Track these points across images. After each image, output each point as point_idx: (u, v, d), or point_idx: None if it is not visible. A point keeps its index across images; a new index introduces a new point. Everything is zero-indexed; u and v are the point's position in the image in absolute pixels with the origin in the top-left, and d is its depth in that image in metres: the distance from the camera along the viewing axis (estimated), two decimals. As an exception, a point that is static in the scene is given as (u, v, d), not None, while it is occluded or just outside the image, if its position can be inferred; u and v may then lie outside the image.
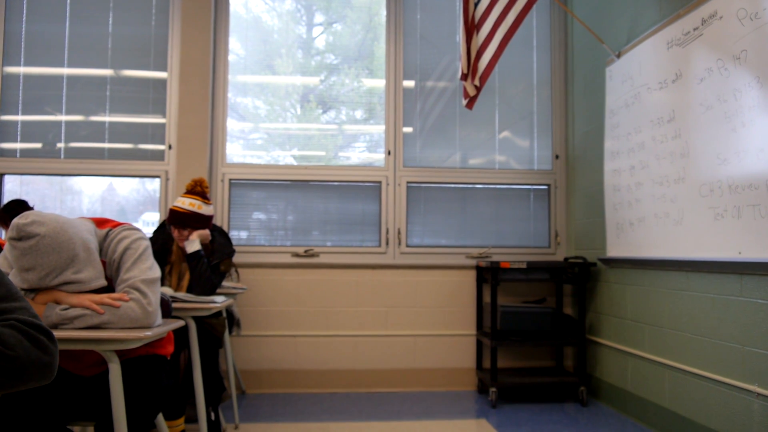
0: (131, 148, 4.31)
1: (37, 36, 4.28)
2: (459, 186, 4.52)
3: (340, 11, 4.64)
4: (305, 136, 4.52)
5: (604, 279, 3.96)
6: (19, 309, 1.10)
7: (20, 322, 1.07)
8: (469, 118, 4.53)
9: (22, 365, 1.02)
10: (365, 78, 4.57)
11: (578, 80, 4.43)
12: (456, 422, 3.65)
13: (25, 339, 1.04)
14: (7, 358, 1.01)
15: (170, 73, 4.31)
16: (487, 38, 3.67)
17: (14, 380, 1.02)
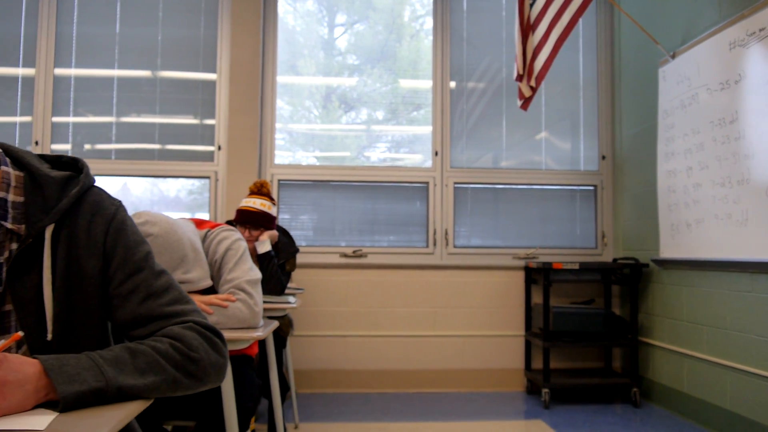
0: (181, 149, 4.34)
1: (87, 38, 4.31)
2: (505, 187, 4.52)
3: (363, 12, 4.65)
4: (329, 137, 4.54)
5: (656, 280, 3.95)
6: (192, 312, 1.10)
7: (198, 325, 1.07)
8: (514, 119, 4.53)
9: (204, 368, 1.03)
10: (399, 79, 4.58)
11: (626, 81, 4.42)
12: (512, 423, 3.65)
13: (204, 341, 1.05)
14: (191, 360, 1.01)
15: (219, 75, 4.34)
16: (542, 39, 3.67)
17: (197, 382, 1.03)
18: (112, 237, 1.07)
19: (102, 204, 1.09)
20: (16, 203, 1.04)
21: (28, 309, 1.02)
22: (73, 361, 0.89)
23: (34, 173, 1.07)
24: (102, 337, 1.11)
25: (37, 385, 0.84)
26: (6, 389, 0.81)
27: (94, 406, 0.87)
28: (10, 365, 0.82)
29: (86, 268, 1.05)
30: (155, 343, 0.99)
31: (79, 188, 1.07)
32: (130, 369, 0.93)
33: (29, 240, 1.02)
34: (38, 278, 1.03)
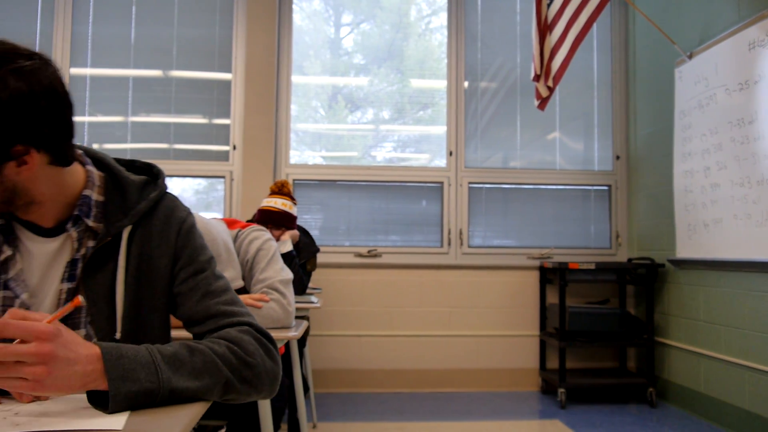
0: (196, 149, 4.35)
1: (103, 38, 4.32)
2: (519, 187, 4.52)
3: (369, 11, 4.65)
4: (336, 136, 4.54)
5: (672, 280, 3.95)
6: (247, 314, 1.11)
7: (253, 329, 1.07)
8: (528, 119, 4.53)
9: (259, 374, 1.01)
10: (406, 78, 4.59)
11: (641, 81, 4.42)
12: (529, 422, 3.66)
13: (260, 347, 1.04)
14: (247, 365, 1.00)
15: (234, 75, 4.34)
16: (559, 39, 3.67)
17: (250, 389, 1.01)
18: (182, 239, 1.11)
19: (176, 209, 1.14)
20: (98, 202, 1.08)
21: (100, 306, 1.05)
22: (131, 353, 0.88)
23: (115, 175, 1.11)
24: (165, 337, 1.13)
25: (87, 369, 0.82)
26: (54, 364, 0.79)
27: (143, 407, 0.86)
28: (63, 341, 0.81)
29: (157, 267, 1.09)
30: (213, 345, 0.98)
31: (157, 192, 1.11)
32: (186, 368, 0.92)
33: (108, 239, 1.05)
34: (111, 276, 1.06)
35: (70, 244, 1.06)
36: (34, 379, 0.78)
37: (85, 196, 1.06)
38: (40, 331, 0.79)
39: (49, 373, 0.78)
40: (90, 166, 1.10)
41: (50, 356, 0.79)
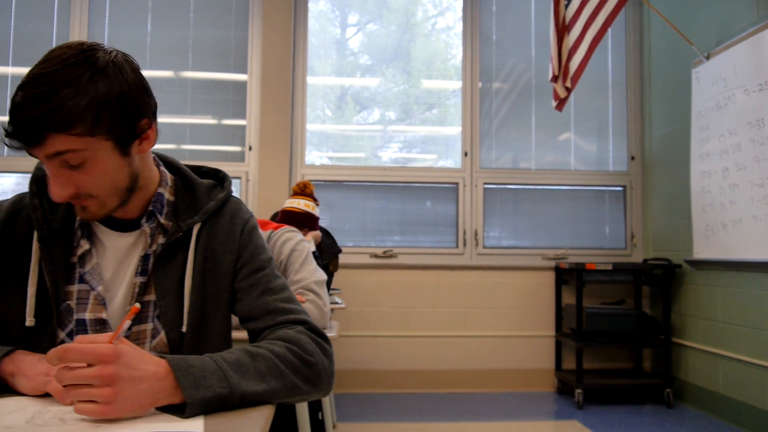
0: (212, 150, 4.35)
1: (119, 39, 4.32)
2: (534, 187, 4.52)
3: (376, 11, 4.66)
4: (343, 137, 4.55)
5: (689, 281, 3.95)
6: (303, 313, 1.13)
7: (309, 328, 1.08)
8: (543, 120, 4.54)
9: (319, 373, 1.02)
10: (412, 79, 4.60)
11: (656, 81, 4.42)
12: (547, 423, 3.66)
13: (317, 346, 1.05)
14: (308, 364, 1.01)
15: (250, 75, 4.35)
16: (577, 40, 3.68)
17: (312, 388, 1.01)
18: (245, 237, 1.16)
19: (240, 210, 1.19)
20: (169, 201, 1.14)
21: (169, 299, 1.09)
22: (197, 363, 0.89)
23: (186, 177, 1.18)
24: (227, 333, 1.16)
25: (155, 385, 0.83)
26: (120, 384, 0.80)
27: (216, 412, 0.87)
28: (126, 360, 0.82)
29: (222, 263, 1.13)
30: (273, 347, 0.99)
31: (224, 194, 1.18)
32: (251, 373, 0.93)
33: (179, 234, 1.10)
34: (180, 271, 1.10)
35: (144, 239, 1.10)
36: (104, 401, 0.79)
37: (160, 193, 1.12)
38: (100, 353, 0.80)
39: (116, 394, 0.80)
40: (163, 168, 1.16)
41: (114, 377, 0.80)
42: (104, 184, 1.00)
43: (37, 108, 0.89)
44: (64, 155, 0.93)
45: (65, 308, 1.06)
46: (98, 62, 0.94)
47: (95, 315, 1.06)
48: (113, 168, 1.00)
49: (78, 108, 0.91)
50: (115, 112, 0.95)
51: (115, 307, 1.08)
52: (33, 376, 0.93)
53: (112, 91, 0.95)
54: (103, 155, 0.97)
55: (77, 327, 1.07)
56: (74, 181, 0.97)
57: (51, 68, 0.91)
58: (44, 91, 0.89)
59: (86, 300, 1.07)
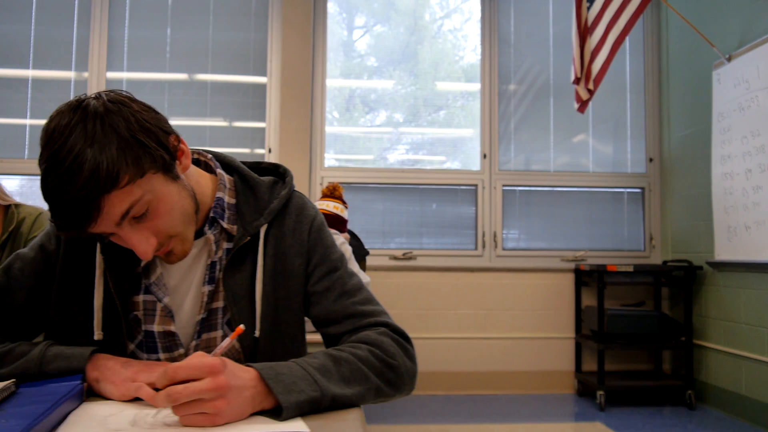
0: (231, 153, 4.35)
1: (139, 42, 4.34)
2: (552, 189, 4.53)
3: (384, 13, 4.67)
4: (351, 138, 4.56)
5: (711, 282, 3.96)
6: (383, 313, 1.11)
7: (390, 329, 1.07)
8: (561, 121, 4.54)
9: (401, 375, 1.02)
10: (421, 81, 4.61)
11: (675, 83, 4.43)
12: (571, 425, 3.67)
13: (399, 348, 1.04)
14: (390, 367, 1.00)
15: (270, 78, 4.36)
16: (600, 41, 3.68)
17: (395, 391, 1.01)
18: (313, 237, 1.12)
19: (305, 206, 1.14)
20: (230, 204, 1.09)
21: (240, 306, 1.06)
22: (285, 370, 0.89)
23: (245, 176, 1.13)
24: (300, 336, 1.13)
25: (253, 392, 0.84)
26: (230, 394, 0.81)
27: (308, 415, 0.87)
28: (230, 370, 0.83)
29: (292, 265, 1.09)
30: (355, 350, 0.99)
31: (287, 190, 1.12)
32: (336, 378, 0.93)
33: (246, 239, 1.06)
34: (250, 276, 1.07)
35: (208, 246, 1.07)
36: (215, 412, 0.80)
37: (219, 198, 1.08)
38: (210, 366, 0.81)
39: (228, 404, 0.80)
40: (220, 170, 1.12)
41: (226, 388, 0.81)
42: (177, 218, 0.97)
43: (76, 182, 0.83)
44: (129, 212, 0.89)
45: (132, 319, 1.05)
46: (97, 109, 0.88)
47: (163, 327, 1.05)
48: (175, 198, 0.96)
49: (113, 158, 0.85)
50: (145, 142, 0.90)
51: (182, 318, 1.07)
52: (119, 383, 0.93)
53: (130, 124, 0.89)
54: (161, 190, 0.93)
55: (146, 339, 1.06)
56: (151, 230, 0.94)
57: (62, 140, 0.85)
58: (72, 162, 0.83)
59: (153, 311, 1.05)
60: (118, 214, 0.88)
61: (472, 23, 4.66)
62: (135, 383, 0.92)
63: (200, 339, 1.07)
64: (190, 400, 0.79)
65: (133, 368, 0.96)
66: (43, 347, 0.96)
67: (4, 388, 0.84)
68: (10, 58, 4.26)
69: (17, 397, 0.83)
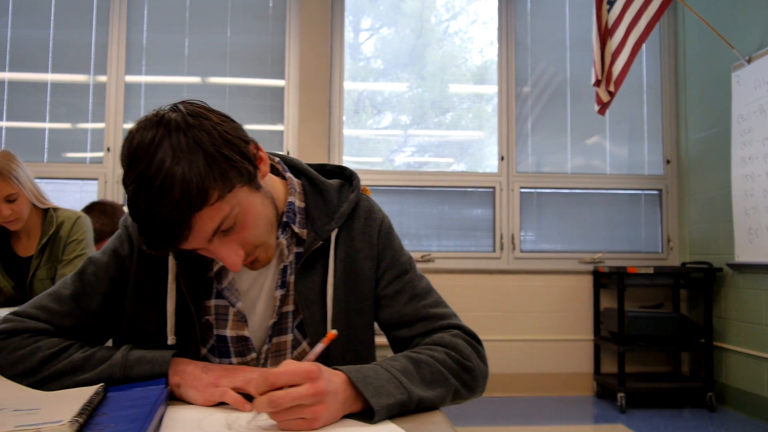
0: (249, 155, 4.36)
1: (157, 45, 4.35)
2: (569, 191, 4.53)
3: (390, 16, 4.68)
4: (359, 140, 4.57)
5: (731, 284, 3.96)
6: (453, 315, 1.11)
7: (463, 331, 1.08)
8: (577, 123, 4.55)
9: (476, 377, 1.03)
10: (427, 83, 4.62)
11: (692, 85, 4.43)
12: (594, 427, 3.66)
13: (472, 350, 1.05)
14: (466, 369, 1.01)
15: (288, 81, 4.36)
16: (620, 44, 3.69)
17: (470, 393, 1.02)
18: (382, 240, 1.12)
19: (373, 209, 1.15)
20: (300, 208, 1.09)
21: (312, 310, 1.06)
22: (371, 372, 0.89)
23: (313, 180, 1.12)
24: (370, 339, 1.13)
25: (344, 396, 0.85)
26: (328, 399, 0.81)
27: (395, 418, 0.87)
28: (327, 375, 0.84)
29: (362, 269, 1.09)
30: (432, 353, 0.99)
31: (355, 194, 1.12)
32: (417, 380, 0.93)
33: (318, 243, 1.06)
34: (321, 280, 1.07)
35: (279, 251, 1.06)
36: (313, 417, 0.80)
37: (290, 202, 1.07)
38: (309, 371, 0.81)
39: (325, 409, 0.81)
40: (289, 174, 1.12)
41: (324, 393, 0.81)
42: (262, 228, 0.97)
43: (167, 203, 0.83)
44: (220, 227, 0.89)
45: (204, 323, 1.05)
46: (179, 123, 0.87)
47: (237, 332, 1.05)
48: (260, 208, 0.96)
49: (201, 175, 0.84)
50: (230, 156, 0.89)
51: (254, 323, 1.07)
52: (202, 388, 0.94)
53: (213, 138, 0.88)
54: (247, 202, 0.93)
55: (218, 343, 1.06)
56: (239, 242, 0.93)
57: (148, 159, 0.84)
58: (162, 183, 0.83)
59: (225, 316, 1.05)
60: (209, 231, 0.89)
61: (478, 25, 4.68)
62: (219, 388, 0.92)
63: (271, 343, 1.07)
64: (291, 405, 0.79)
65: (214, 373, 0.96)
66: (125, 351, 0.97)
67: (97, 392, 0.84)
68: (29, 62, 4.27)
69: (109, 401, 0.84)
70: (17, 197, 1.97)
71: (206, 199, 0.85)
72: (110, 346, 1.03)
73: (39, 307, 1.01)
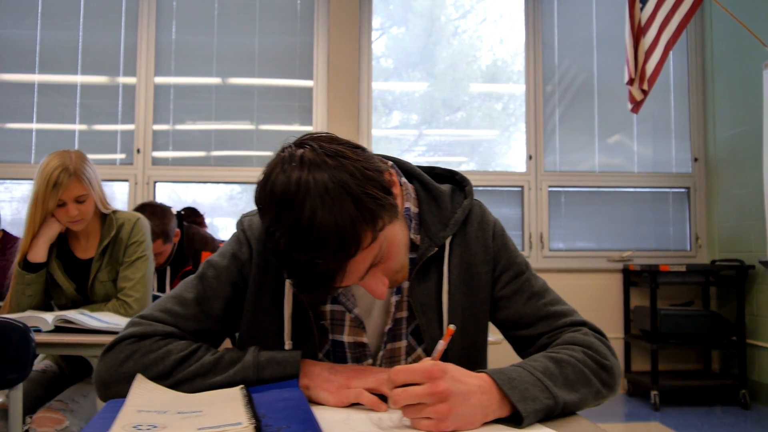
0: (278, 156, 4.37)
1: (186, 47, 4.35)
2: (597, 190, 4.53)
3: (401, 15, 4.68)
4: (374, 139, 4.58)
5: (764, 281, 3.96)
6: (574, 312, 1.11)
7: (590, 328, 1.07)
8: (605, 122, 4.55)
9: (614, 376, 1.00)
10: (438, 82, 4.62)
11: (721, 83, 4.43)
12: (629, 425, 3.67)
13: (607, 349, 1.03)
14: (605, 368, 0.99)
15: (316, 82, 4.37)
16: (653, 42, 3.69)
17: (609, 392, 0.99)
18: (497, 242, 1.12)
19: (485, 213, 1.14)
20: (414, 214, 1.08)
21: (429, 316, 1.06)
22: (515, 374, 0.89)
23: (427, 185, 1.12)
24: (483, 343, 1.14)
25: (483, 399, 0.84)
26: (453, 400, 0.81)
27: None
28: (452, 376, 0.83)
29: (478, 273, 1.09)
30: (571, 352, 0.98)
31: (469, 201, 1.11)
32: (560, 381, 0.91)
33: (434, 250, 1.05)
34: (435, 286, 1.07)
35: None
36: (438, 417, 0.80)
37: (406, 208, 1.06)
38: (428, 371, 0.82)
39: (450, 410, 0.81)
40: (403, 179, 1.10)
41: (446, 393, 0.81)
42: (403, 254, 0.97)
43: (324, 255, 0.83)
44: (369, 269, 0.90)
45: (320, 328, 1.06)
46: (320, 164, 0.85)
47: (354, 338, 1.05)
48: (401, 236, 0.96)
49: (353, 222, 0.83)
50: (375, 195, 0.87)
51: (370, 328, 1.07)
52: (334, 390, 0.94)
53: (355, 178, 0.86)
54: (392, 235, 0.92)
55: (334, 348, 1.07)
56: (383, 271, 0.94)
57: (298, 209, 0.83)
58: (317, 235, 0.82)
59: (341, 321, 1.06)
60: (362, 271, 0.89)
61: (488, 24, 4.69)
62: (353, 390, 0.93)
63: (385, 349, 1.07)
64: (411, 403, 0.80)
65: (343, 374, 0.97)
66: (255, 353, 0.97)
67: (244, 395, 0.85)
68: (59, 64, 4.28)
69: (259, 403, 0.84)
70: (86, 199, 1.98)
71: (360, 244, 0.85)
72: (232, 348, 1.03)
73: (164, 311, 1.02)
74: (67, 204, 1.96)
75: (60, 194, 1.93)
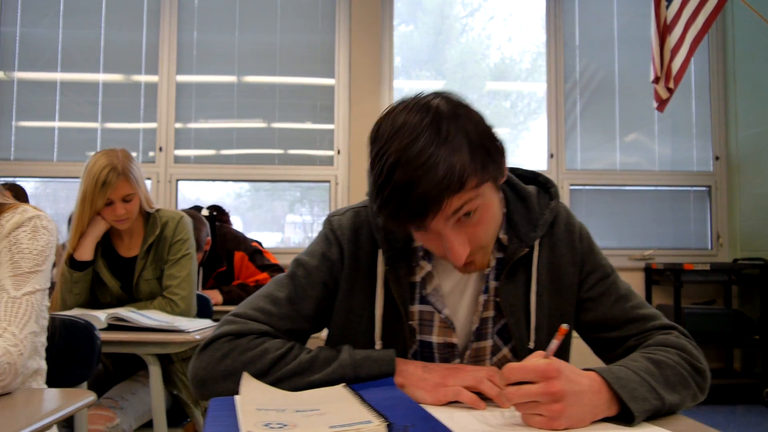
0: (300, 154, 4.38)
1: (208, 45, 4.35)
2: (618, 188, 4.53)
3: (410, 13, 4.67)
4: None
5: (787, 280, 3.96)
6: (662, 315, 1.12)
7: (679, 331, 1.08)
8: (625, 121, 4.55)
9: (707, 379, 1.01)
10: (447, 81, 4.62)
11: (742, 81, 4.42)
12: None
13: (699, 352, 1.04)
14: (698, 371, 1.00)
15: (338, 80, 4.37)
16: (678, 40, 3.68)
17: (702, 395, 1.00)
18: (584, 245, 1.12)
19: (570, 215, 1.14)
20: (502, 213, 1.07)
21: (517, 316, 1.06)
22: (623, 374, 0.89)
23: (514, 186, 1.11)
24: (569, 344, 1.14)
25: (594, 399, 0.84)
26: (567, 399, 0.81)
27: None
28: (566, 376, 0.83)
29: (565, 275, 1.09)
30: (668, 354, 0.98)
31: (556, 203, 1.11)
32: (662, 383, 0.91)
33: (524, 251, 1.05)
34: (523, 287, 1.07)
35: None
36: (551, 416, 0.81)
37: None
38: (543, 370, 0.81)
39: (564, 410, 0.81)
40: None
41: (561, 393, 0.81)
42: (492, 229, 0.96)
43: (428, 181, 0.84)
44: (460, 210, 0.89)
45: (408, 328, 1.06)
46: (447, 112, 0.89)
47: (444, 339, 1.06)
48: (496, 209, 0.96)
49: (464, 162, 0.86)
50: (491, 150, 0.91)
51: (459, 329, 1.07)
52: (430, 389, 0.94)
53: (478, 128, 0.90)
54: (490, 198, 0.93)
55: (422, 349, 1.07)
56: (468, 237, 0.92)
57: (415, 136, 0.85)
58: (427, 161, 0.84)
59: (430, 322, 1.06)
60: (455, 217, 0.89)
61: (497, 21, 4.69)
62: (451, 388, 0.93)
63: (471, 348, 1.07)
64: (525, 401, 0.81)
65: (437, 373, 0.97)
66: (350, 351, 0.98)
67: (353, 393, 0.85)
68: (81, 62, 4.29)
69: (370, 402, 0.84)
70: (133, 198, 1.99)
71: (464, 185, 0.86)
72: (324, 347, 1.03)
73: (258, 309, 1.02)
74: (114, 203, 1.97)
75: (108, 193, 1.93)
